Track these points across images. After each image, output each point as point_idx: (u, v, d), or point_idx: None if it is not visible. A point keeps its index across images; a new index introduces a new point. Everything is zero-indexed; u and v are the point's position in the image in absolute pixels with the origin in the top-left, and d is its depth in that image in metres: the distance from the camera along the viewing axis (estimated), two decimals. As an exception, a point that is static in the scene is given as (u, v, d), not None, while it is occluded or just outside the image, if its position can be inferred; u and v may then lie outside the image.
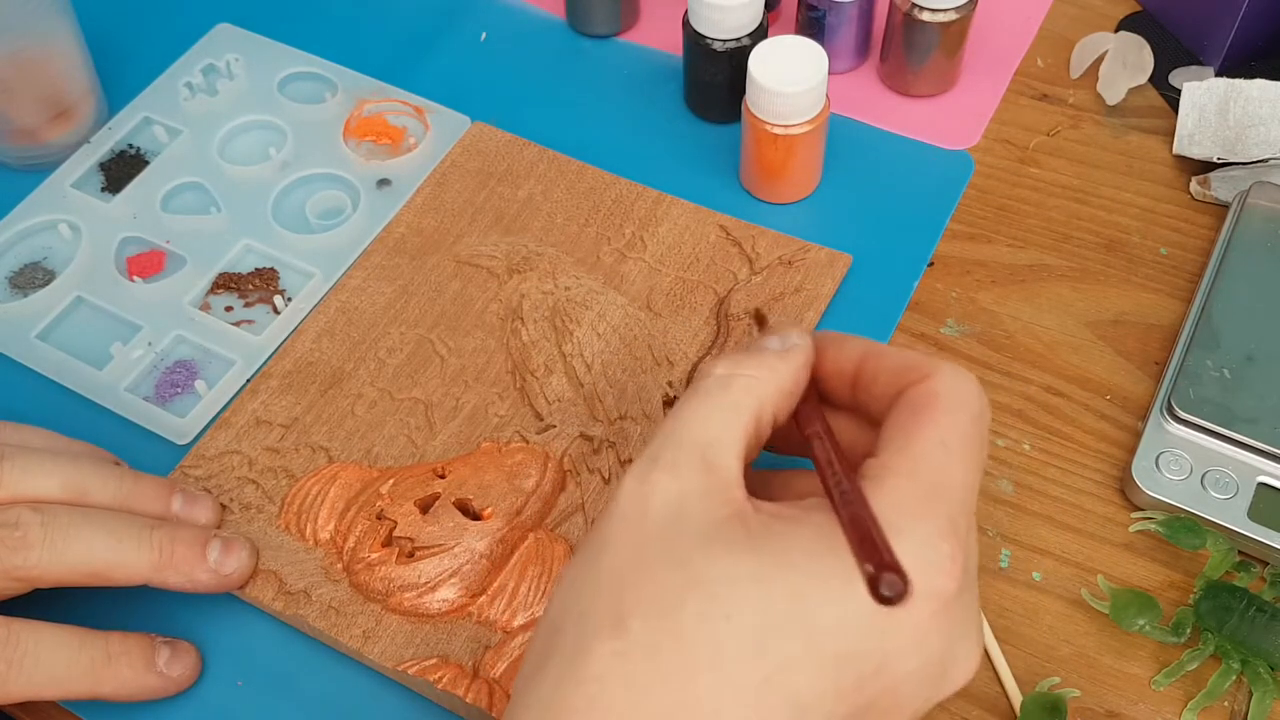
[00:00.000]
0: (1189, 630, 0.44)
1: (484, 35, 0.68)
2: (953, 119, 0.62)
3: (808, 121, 0.55)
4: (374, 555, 0.46)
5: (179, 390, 0.53)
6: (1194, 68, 0.63)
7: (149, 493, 0.46)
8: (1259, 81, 0.57)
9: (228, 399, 0.53)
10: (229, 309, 0.56)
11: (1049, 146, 0.61)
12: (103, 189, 0.61)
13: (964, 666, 0.33)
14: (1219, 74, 0.62)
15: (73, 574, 0.42)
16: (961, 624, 0.32)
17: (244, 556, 0.45)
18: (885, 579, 0.29)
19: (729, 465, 0.33)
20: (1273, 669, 0.43)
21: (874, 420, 0.37)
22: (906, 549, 0.30)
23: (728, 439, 0.34)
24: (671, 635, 0.30)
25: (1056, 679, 0.44)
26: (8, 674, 0.41)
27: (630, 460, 0.49)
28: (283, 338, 0.55)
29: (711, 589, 0.30)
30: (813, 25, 0.62)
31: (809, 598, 0.30)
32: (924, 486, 0.32)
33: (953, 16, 0.59)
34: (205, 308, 0.56)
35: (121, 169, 0.61)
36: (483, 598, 0.45)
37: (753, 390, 0.35)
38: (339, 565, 0.47)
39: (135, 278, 0.57)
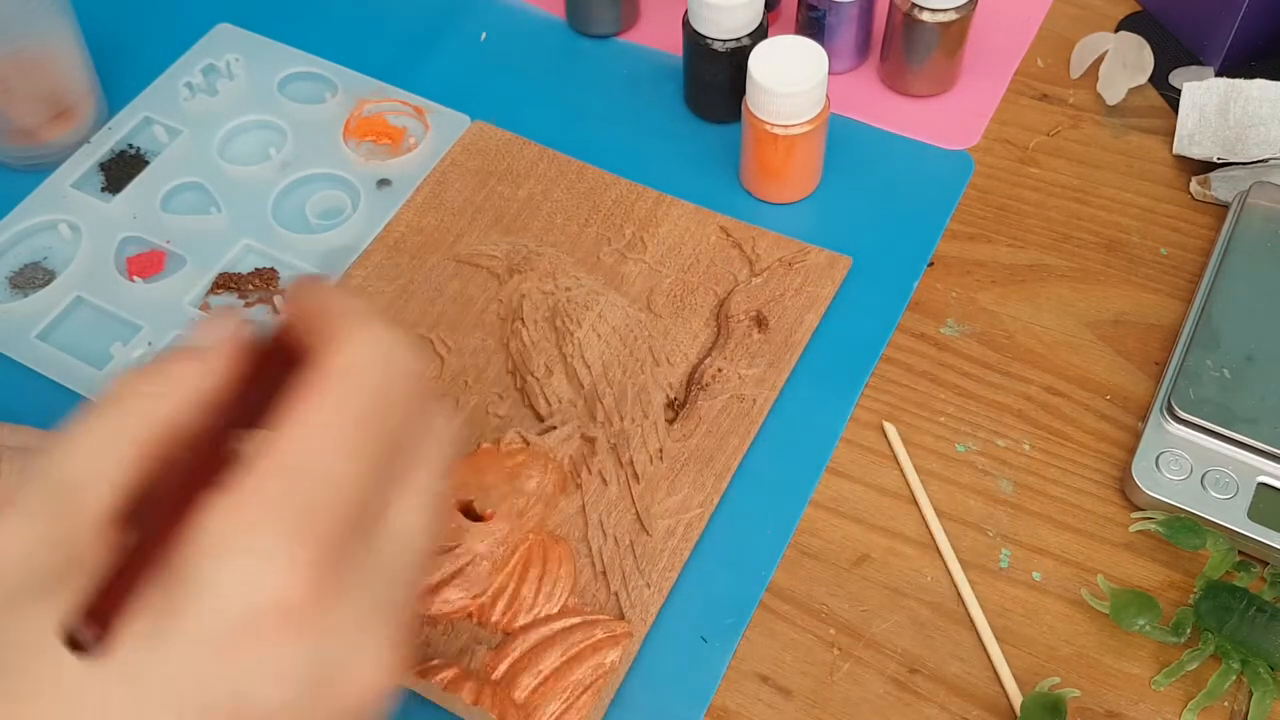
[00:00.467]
0: (1189, 630, 0.44)
1: (484, 35, 0.68)
2: (953, 119, 0.62)
3: (808, 121, 0.55)
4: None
5: (179, 390, 0.53)
6: (1194, 68, 0.63)
7: None
8: (1259, 81, 0.57)
9: (228, 399, 0.53)
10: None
11: (1049, 146, 0.61)
12: (103, 189, 0.61)
13: (360, 679, 0.29)
14: (1219, 74, 0.62)
15: None
16: (336, 635, 0.28)
17: None
18: (71, 629, 0.25)
19: (91, 502, 0.28)
20: (1273, 669, 0.43)
21: None
22: (234, 566, 0.26)
23: (96, 471, 0.28)
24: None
25: (1056, 679, 0.44)
26: None
27: (631, 460, 0.49)
28: (283, 338, 0.55)
29: (51, 679, 0.26)
30: (813, 25, 0.62)
31: (151, 661, 0.26)
32: (276, 486, 0.27)
33: (953, 16, 0.59)
34: (205, 308, 0.56)
35: (121, 169, 0.61)
36: (483, 599, 0.45)
37: (147, 412, 0.29)
38: (339, 566, 0.46)
39: (135, 278, 0.57)
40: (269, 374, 0.30)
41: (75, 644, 0.25)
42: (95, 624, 0.25)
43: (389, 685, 0.30)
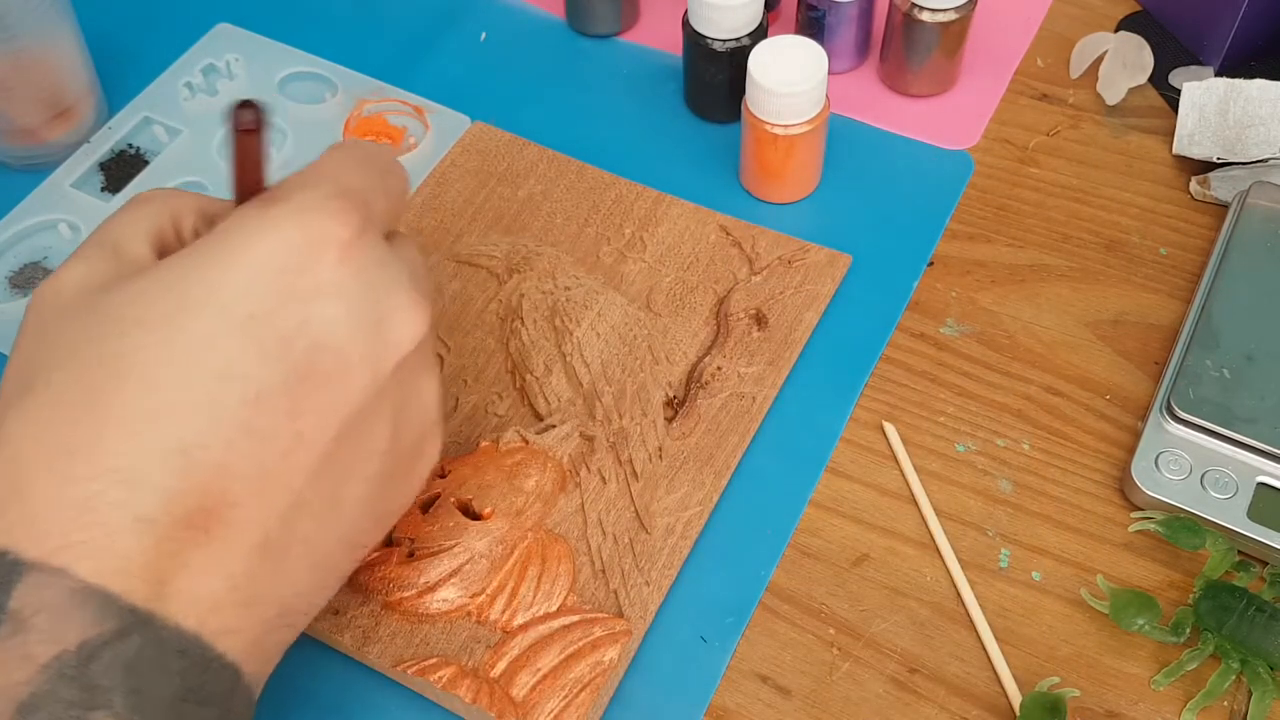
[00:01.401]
0: (1188, 630, 0.44)
1: (484, 35, 0.68)
2: (952, 119, 0.62)
3: (807, 121, 0.55)
4: (374, 555, 0.46)
5: (179, 390, 0.53)
6: (1194, 67, 0.63)
7: None
8: (1259, 81, 0.57)
9: (227, 398, 0.53)
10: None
11: (1049, 146, 0.61)
12: (103, 189, 0.61)
13: (402, 317, 0.34)
14: (1219, 74, 0.62)
15: None
16: (379, 272, 0.34)
17: None
18: (237, 114, 0.34)
19: (135, 248, 0.35)
20: (1272, 669, 0.43)
21: None
22: (292, 205, 0.33)
23: (137, 232, 0.35)
24: (76, 378, 0.30)
25: (1056, 679, 0.44)
26: None
27: (630, 459, 0.49)
28: (282, 337, 0.55)
29: (120, 317, 0.31)
30: (813, 25, 0.62)
31: (208, 276, 0.31)
32: (313, 171, 0.35)
33: (952, 16, 0.59)
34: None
35: (121, 169, 0.61)
36: (482, 598, 0.45)
37: (166, 201, 0.37)
38: (338, 565, 0.46)
39: (135, 277, 0.57)
40: None
41: (236, 127, 0.35)
42: None
43: (421, 339, 0.35)
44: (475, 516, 0.46)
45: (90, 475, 0.29)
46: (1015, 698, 0.44)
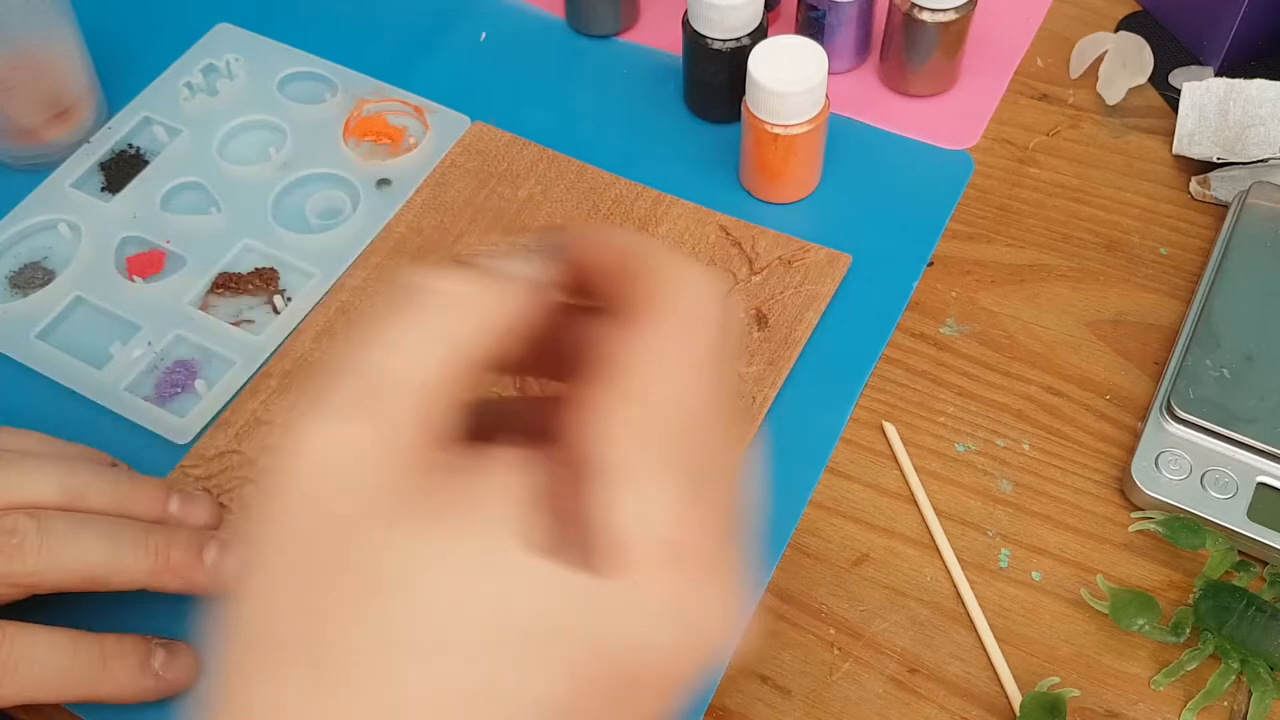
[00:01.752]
0: (1188, 630, 0.44)
1: (484, 35, 0.68)
2: (952, 119, 0.62)
3: (807, 121, 0.55)
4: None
5: (179, 390, 0.53)
6: (1194, 68, 0.63)
7: (146, 495, 0.46)
8: (1259, 81, 0.57)
9: (228, 399, 0.53)
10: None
11: (1048, 146, 0.61)
12: (102, 189, 0.61)
13: (714, 622, 0.28)
14: (1219, 74, 0.62)
15: (69, 580, 0.42)
16: (703, 574, 0.28)
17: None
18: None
19: (413, 409, 0.27)
20: (1272, 669, 0.43)
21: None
22: (637, 496, 0.26)
23: (421, 376, 0.27)
24: (364, 644, 0.24)
25: (1056, 679, 0.44)
26: (1, 678, 0.41)
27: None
28: (283, 338, 0.55)
29: (403, 581, 0.25)
30: (812, 25, 0.62)
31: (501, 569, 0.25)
32: (662, 418, 0.27)
33: (953, 16, 0.59)
34: (205, 307, 0.56)
35: (121, 169, 0.61)
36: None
37: (465, 317, 0.28)
38: (339, 565, 0.46)
39: (135, 278, 0.57)
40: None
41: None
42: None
43: (731, 634, 0.29)
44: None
45: None
46: (1015, 698, 0.44)
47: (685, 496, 0.27)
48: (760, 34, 0.59)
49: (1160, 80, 0.63)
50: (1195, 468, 0.48)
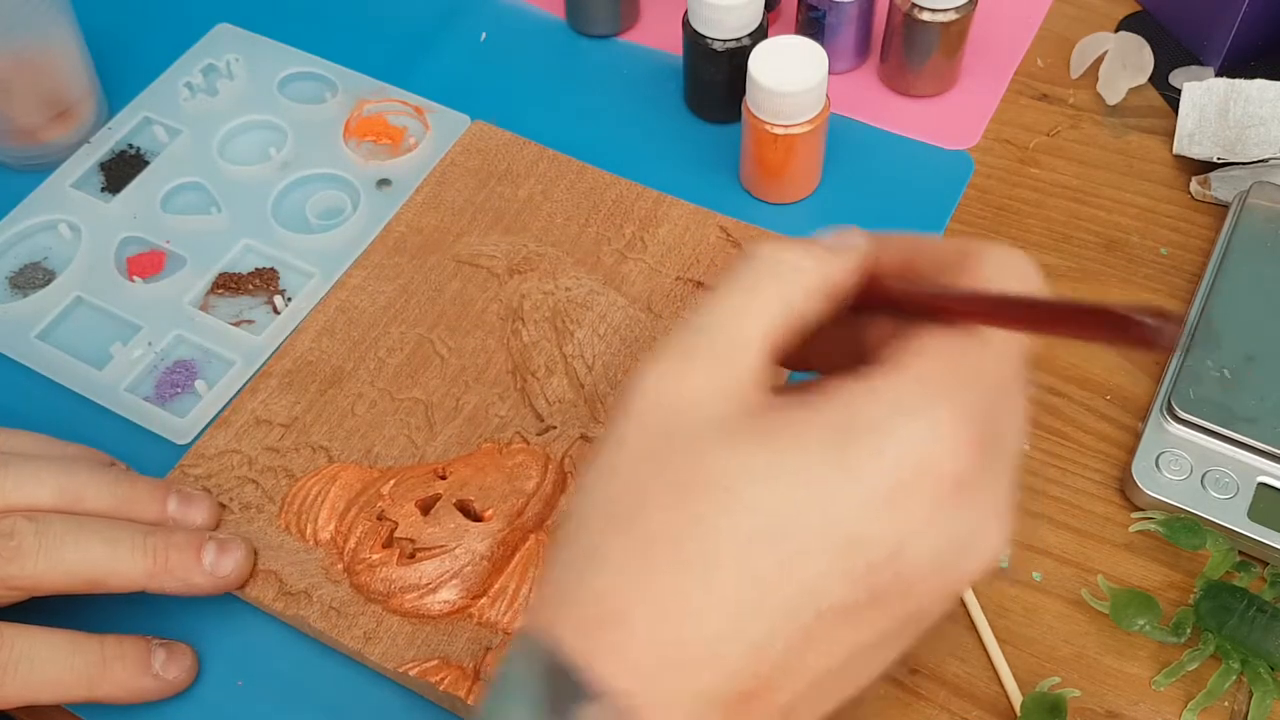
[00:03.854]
0: (1189, 630, 0.44)
1: (484, 35, 0.68)
2: (953, 119, 0.62)
3: (808, 121, 0.55)
4: (375, 556, 0.46)
5: (179, 390, 0.53)
6: (1194, 68, 0.63)
7: (144, 496, 0.46)
8: (1259, 81, 0.57)
9: (228, 399, 0.53)
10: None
11: (1049, 146, 0.61)
12: (103, 189, 0.61)
13: (985, 557, 0.32)
14: (1219, 74, 0.62)
15: (68, 582, 0.42)
16: (982, 505, 0.31)
17: (240, 558, 0.45)
18: (1145, 323, 0.28)
19: (750, 361, 0.32)
20: (1273, 669, 0.43)
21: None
22: (926, 429, 0.30)
23: (754, 332, 0.32)
24: (689, 530, 0.30)
25: (1057, 679, 0.44)
26: (1, 679, 0.41)
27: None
28: (283, 337, 0.55)
29: (727, 485, 0.30)
30: (813, 25, 0.62)
31: (823, 484, 0.30)
32: (940, 367, 0.31)
33: (953, 16, 0.59)
34: (205, 308, 0.56)
35: (121, 169, 0.61)
36: (483, 599, 0.45)
37: (796, 281, 0.33)
38: (339, 566, 0.47)
39: (135, 278, 0.57)
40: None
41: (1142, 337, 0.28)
42: None
43: (995, 562, 0.33)
44: (476, 518, 0.46)
45: (680, 639, 0.29)
46: (1016, 698, 0.44)
47: (970, 442, 0.31)
48: (760, 34, 0.59)
49: (1160, 80, 0.63)
50: (1196, 468, 0.48)
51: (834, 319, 0.35)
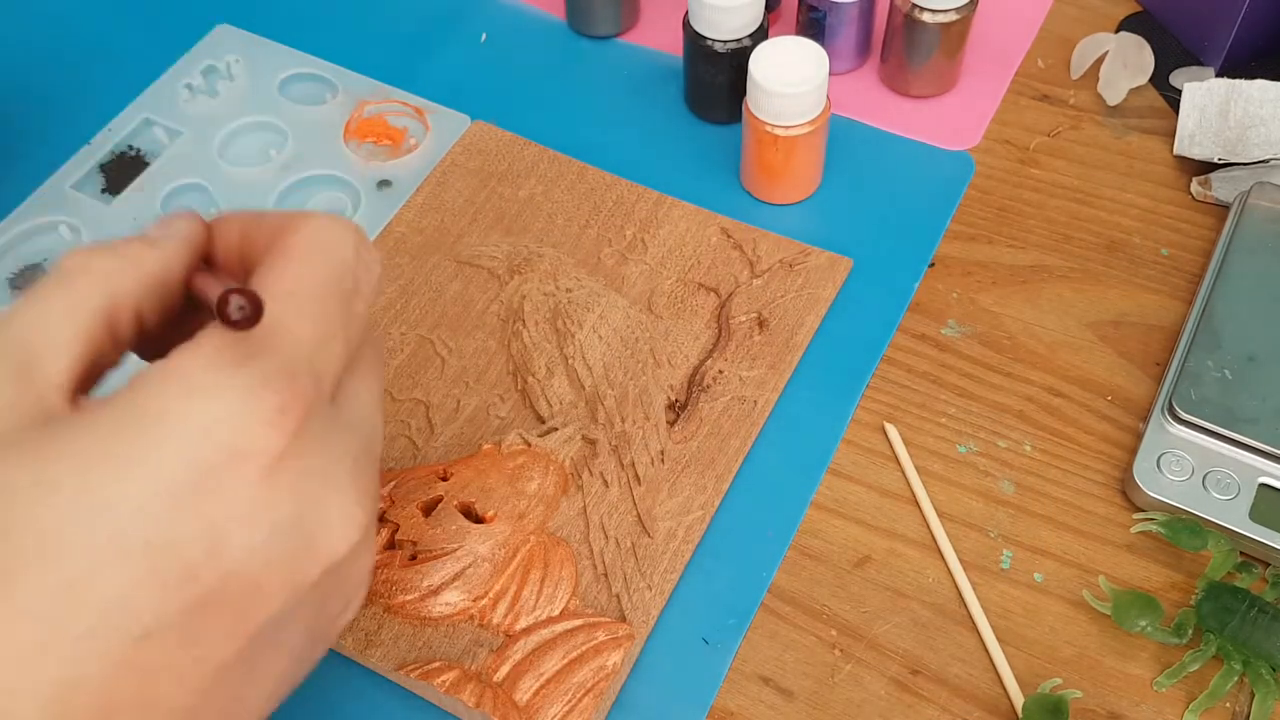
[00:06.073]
0: (1190, 631, 0.44)
1: (484, 36, 0.68)
2: (953, 119, 0.62)
3: (808, 122, 0.55)
4: (377, 558, 0.46)
5: (180, 392, 0.53)
6: (1194, 68, 0.63)
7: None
8: (1259, 82, 0.57)
9: (229, 401, 0.53)
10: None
11: (1049, 147, 0.61)
12: (103, 190, 0.60)
13: (337, 532, 0.29)
14: (1219, 74, 0.62)
15: None
16: (318, 481, 0.29)
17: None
18: (231, 300, 0.27)
19: (49, 370, 0.29)
20: (1274, 670, 0.43)
21: None
22: (221, 406, 0.27)
23: (49, 341, 0.30)
24: None
25: (1058, 680, 0.44)
26: None
27: (632, 462, 0.49)
28: (283, 339, 0.55)
29: (7, 503, 0.26)
30: (813, 26, 0.62)
31: (102, 488, 0.26)
32: (231, 339, 0.29)
33: (953, 17, 0.59)
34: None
35: (122, 170, 0.61)
36: (485, 601, 0.45)
37: (101, 286, 0.31)
38: (341, 568, 0.46)
39: (136, 279, 0.57)
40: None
41: (227, 318, 0.28)
42: None
43: (357, 542, 0.30)
44: (477, 520, 0.46)
45: None
46: (1017, 699, 0.44)
47: (275, 411, 0.28)
48: (761, 35, 0.59)
49: (1161, 81, 0.63)
50: (1197, 469, 0.48)
51: (183, 308, 0.33)
